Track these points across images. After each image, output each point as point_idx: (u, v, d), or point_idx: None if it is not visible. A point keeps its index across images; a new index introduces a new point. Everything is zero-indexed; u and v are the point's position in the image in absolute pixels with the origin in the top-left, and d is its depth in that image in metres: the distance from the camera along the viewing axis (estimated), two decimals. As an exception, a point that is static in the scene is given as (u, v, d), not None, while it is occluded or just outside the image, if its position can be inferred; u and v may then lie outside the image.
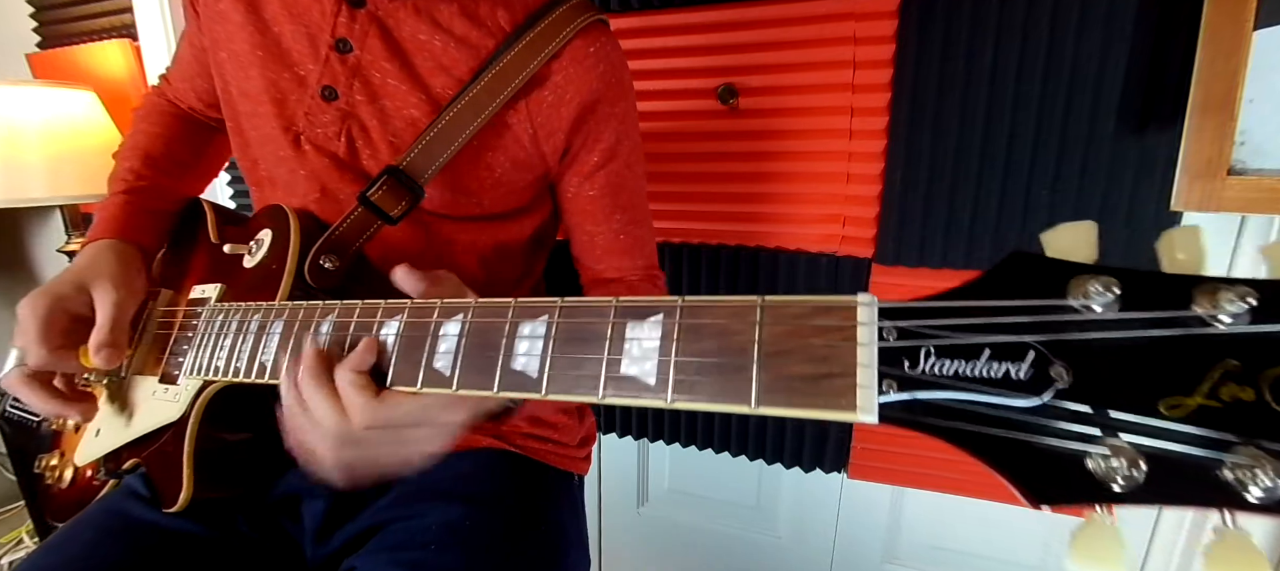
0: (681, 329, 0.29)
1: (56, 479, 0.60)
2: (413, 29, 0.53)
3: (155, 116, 0.67)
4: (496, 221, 0.59)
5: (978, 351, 0.23)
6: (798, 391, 0.25)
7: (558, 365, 0.31)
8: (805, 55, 0.86)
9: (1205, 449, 0.20)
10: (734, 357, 0.27)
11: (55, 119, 1.22)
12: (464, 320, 0.36)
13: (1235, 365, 0.19)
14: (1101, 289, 0.21)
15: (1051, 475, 0.21)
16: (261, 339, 0.45)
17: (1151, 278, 0.21)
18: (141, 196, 0.61)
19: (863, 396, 0.24)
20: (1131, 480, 0.20)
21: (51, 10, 1.42)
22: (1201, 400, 0.20)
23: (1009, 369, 0.22)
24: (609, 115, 0.56)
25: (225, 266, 0.57)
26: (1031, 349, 0.22)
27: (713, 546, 1.22)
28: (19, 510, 1.64)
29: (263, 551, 0.56)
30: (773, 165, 0.92)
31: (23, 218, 1.64)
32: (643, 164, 0.62)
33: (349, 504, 0.57)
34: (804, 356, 0.25)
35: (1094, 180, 0.77)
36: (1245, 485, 0.19)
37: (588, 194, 0.59)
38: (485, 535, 0.53)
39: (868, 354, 0.24)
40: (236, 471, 0.56)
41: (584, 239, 0.62)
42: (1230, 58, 0.63)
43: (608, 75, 0.55)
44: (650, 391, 0.28)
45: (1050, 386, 0.22)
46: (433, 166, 0.52)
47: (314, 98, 0.53)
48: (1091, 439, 0.21)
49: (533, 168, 0.57)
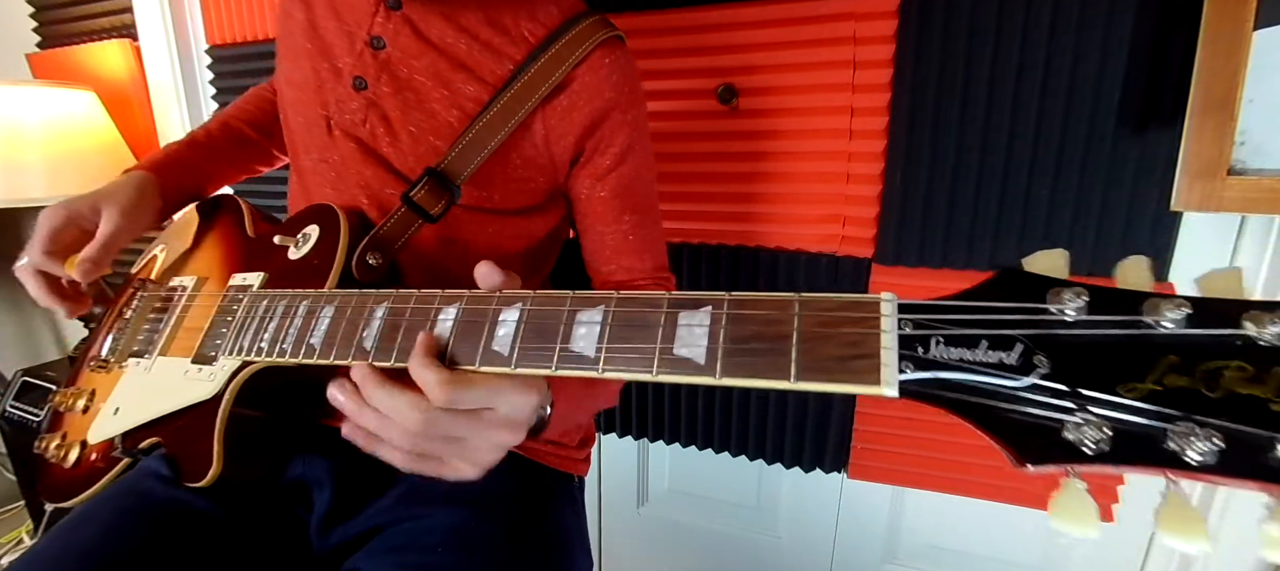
0: (728, 317, 0.33)
1: (61, 459, 0.60)
2: (441, 32, 0.57)
3: (252, 98, 0.76)
4: (510, 217, 0.62)
5: (977, 342, 0.28)
6: (831, 369, 0.30)
7: (614, 346, 0.35)
8: (805, 55, 0.86)
9: (1154, 421, 0.25)
10: (776, 342, 0.32)
11: (55, 119, 1.22)
12: (522, 308, 0.39)
13: (1176, 359, 0.25)
14: (1073, 296, 0.27)
15: (1035, 440, 0.27)
16: (310, 322, 0.47)
17: (1111, 291, 0.28)
18: (195, 149, 0.69)
19: (886, 373, 0.29)
20: (1098, 447, 0.25)
21: (51, 10, 1.42)
22: (1150, 385, 0.25)
23: (1002, 356, 0.28)
24: (622, 122, 0.60)
25: (268, 257, 0.59)
26: (1019, 341, 0.28)
27: (713, 546, 1.22)
28: (19, 510, 1.64)
29: (277, 535, 0.57)
30: (773, 165, 0.92)
31: (23, 218, 1.64)
32: (654, 169, 0.65)
33: (351, 499, 0.57)
34: (836, 342, 0.30)
35: (1094, 180, 0.77)
36: (1185, 451, 0.24)
37: (599, 195, 0.61)
38: (488, 537, 0.53)
39: (890, 339, 0.30)
40: (262, 452, 0.57)
41: (595, 240, 0.63)
42: (1230, 58, 0.63)
43: (621, 85, 0.59)
44: (701, 370, 0.33)
45: (1034, 371, 0.27)
46: (468, 168, 0.56)
47: (346, 87, 0.58)
48: (1067, 410, 0.26)
49: (543, 169, 0.60)
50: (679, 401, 1.09)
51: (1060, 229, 0.80)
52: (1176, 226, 0.77)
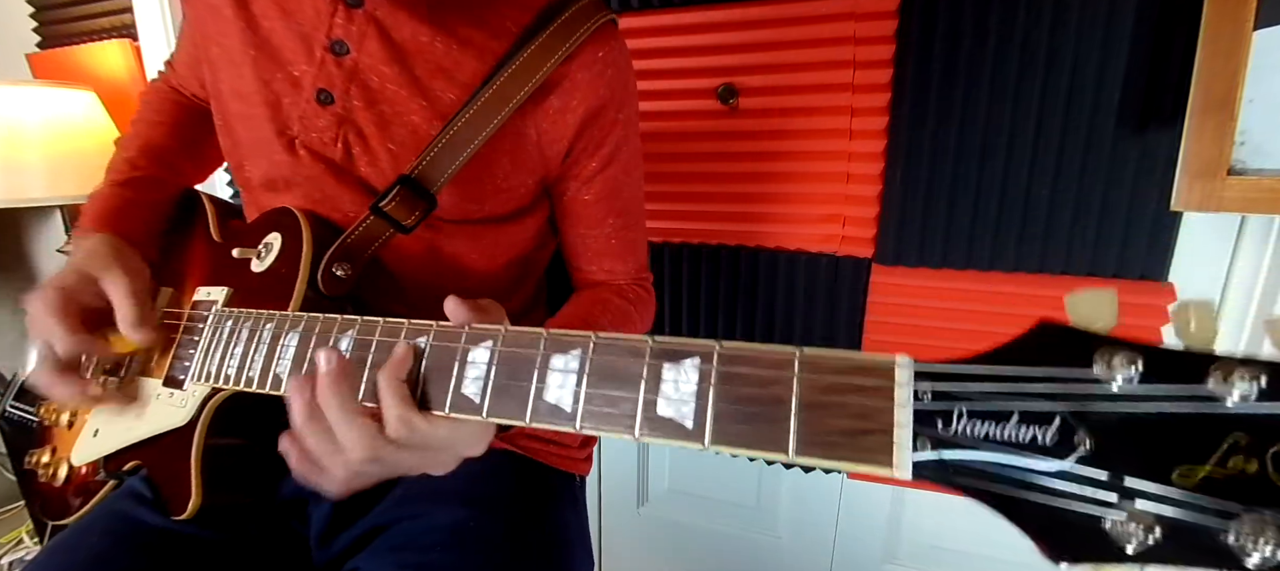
0: (718, 374, 0.29)
1: (50, 476, 0.60)
2: (413, 31, 0.50)
3: (158, 104, 0.66)
4: (499, 224, 0.58)
5: (1007, 416, 0.24)
6: (835, 445, 0.27)
7: (592, 401, 0.32)
8: (805, 55, 0.86)
9: (1212, 516, 0.21)
10: (772, 407, 0.28)
11: (55, 119, 1.22)
12: (493, 348, 0.36)
13: (1243, 439, 0.21)
14: (1125, 362, 0.23)
15: (1070, 534, 0.23)
16: (276, 349, 0.44)
17: (1171, 354, 0.23)
18: (135, 188, 0.60)
19: (899, 454, 0.25)
20: (1144, 543, 0.22)
21: (51, 10, 1.42)
22: (1210, 469, 0.21)
23: (1036, 433, 0.24)
24: (614, 121, 0.56)
25: (231, 268, 0.55)
26: (1058, 416, 0.24)
27: (713, 546, 1.22)
28: (19, 510, 1.64)
29: (272, 553, 0.56)
30: (773, 165, 0.92)
31: (23, 218, 1.64)
32: (640, 167, 0.62)
33: (353, 506, 0.57)
34: (842, 411, 0.27)
35: (1094, 180, 0.77)
36: (1247, 550, 0.20)
37: (584, 198, 0.59)
38: (489, 537, 0.53)
39: (904, 414, 0.26)
40: (243, 478, 0.56)
41: (576, 240, 0.61)
42: (1230, 58, 0.63)
43: (615, 81, 0.55)
44: (688, 435, 0.29)
45: (1073, 451, 0.23)
46: (444, 175, 0.51)
47: (309, 101, 0.51)
48: (1108, 504, 0.23)
49: (535, 170, 0.57)
50: (679, 401, 1.08)
51: (1060, 229, 0.80)
52: (1176, 226, 0.77)
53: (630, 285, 0.62)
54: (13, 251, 1.69)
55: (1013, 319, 0.84)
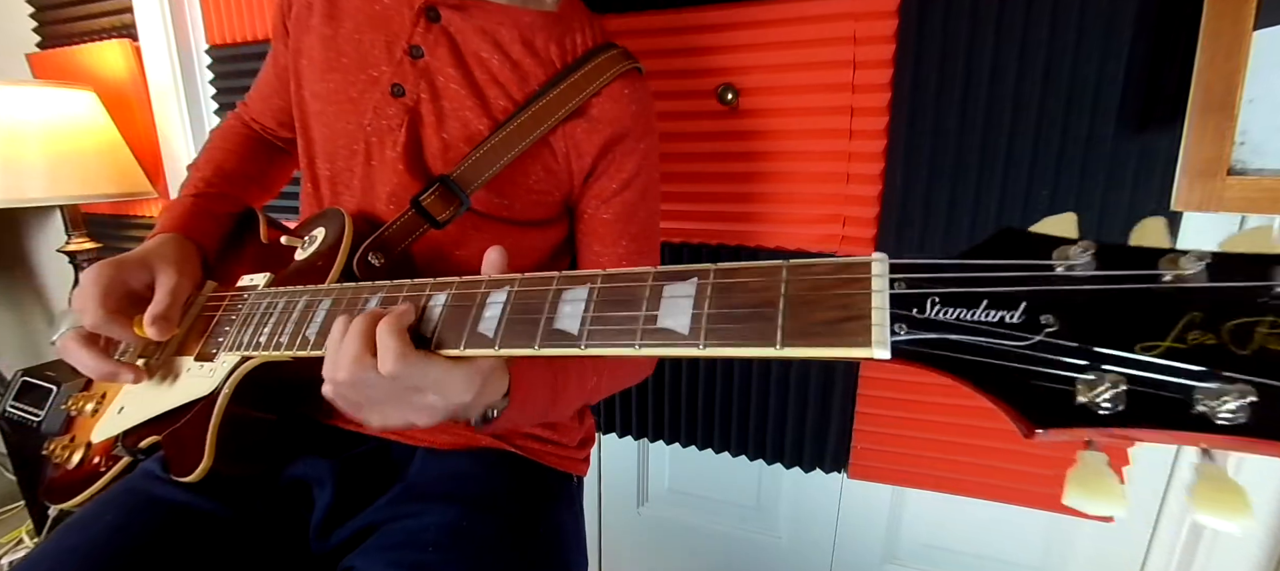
0: (714, 287, 0.32)
1: (65, 460, 0.61)
2: (477, 46, 0.59)
3: (230, 135, 0.74)
4: (525, 228, 0.64)
5: (977, 301, 0.26)
6: (818, 334, 0.28)
7: (598, 321, 0.34)
8: (805, 55, 0.86)
9: (1179, 377, 0.22)
10: (762, 308, 0.30)
11: (55, 119, 1.23)
12: (510, 290, 0.39)
13: (1198, 315, 0.23)
14: (1081, 251, 0.25)
15: (1045, 403, 0.24)
16: (308, 315, 0.48)
17: (1123, 248, 0.25)
18: (207, 201, 0.68)
19: (877, 333, 0.27)
20: (1115, 409, 0.23)
21: (51, 10, 1.42)
22: (1171, 343, 0.23)
23: (1005, 315, 0.26)
24: (634, 149, 0.62)
25: (275, 258, 0.61)
26: (1023, 298, 0.25)
27: (713, 546, 1.22)
28: (19, 510, 1.65)
29: (279, 534, 0.57)
30: (773, 165, 0.92)
31: (23, 218, 1.64)
32: (658, 199, 0.68)
33: (352, 499, 0.57)
34: (825, 305, 0.29)
35: (1094, 180, 0.77)
36: (1215, 411, 0.21)
37: (602, 216, 0.63)
38: (484, 537, 0.53)
39: (881, 299, 0.28)
40: (256, 450, 0.57)
41: (591, 258, 0.65)
42: (1230, 58, 0.63)
43: (638, 114, 0.62)
44: (684, 341, 0.31)
45: (1041, 330, 0.25)
46: (480, 179, 0.58)
47: (383, 93, 0.59)
48: (1080, 368, 0.24)
49: (561, 184, 0.63)
50: (679, 401, 1.09)
51: (1060, 229, 0.80)
52: (1176, 226, 0.77)
53: None
54: (13, 251, 1.70)
55: (1013, 319, 0.84)
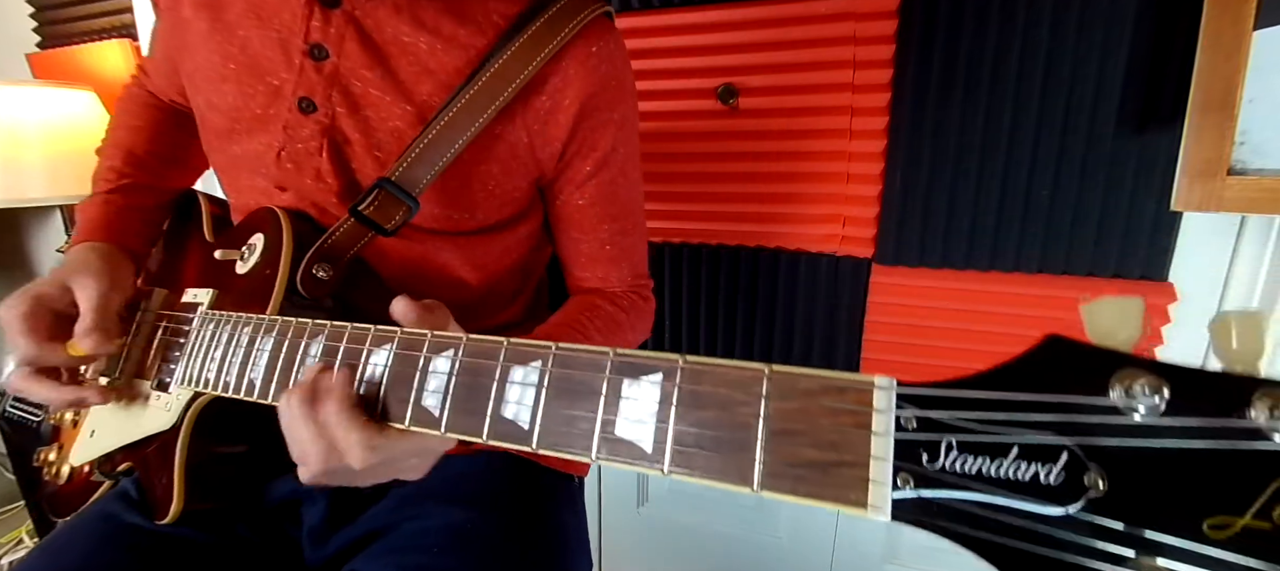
0: (681, 394, 0.27)
1: (54, 475, 0.60)
2: (394, 30, 0.48)
3: (136, 109, 0.64)
4: (492, 233, 0.56)
5: (1005, 449, 0.21)
6: (804, 479, 0.24)
7: (550, 417, 0.30)
8: (805, 55, 0.86)
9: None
10: (737, 432, 0.25)
11: (55, 119, 1.22)
12: (453, 358, 0.34)
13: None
14: (1148, 390, 0.19)
15: None
16: (251, 354, 0.44)
17: (1205, 378, 0.19)
18: (124, 195, 0.60)
19: (875, 492, 0.22)
20: None
21: (51, 10, 1.42)
22: (1249, 520, 0.17)
23: (1038, 471, 0.20)
24: (607, 120, 0.53)
25: (218, 270, 0.55)
26: (1065, 450, 0.20)
27: (713, 546, 1.22)
28: (19, 510, 1.64)
29: (262, 555, 0.56)
30: (773, 165, 0.92)
31: (23, 218, 1.64)
32: (638, 171, 0.59)
33: (349, 506, 0.57)
34: (812, 439, 0.24)
35: (1094, 180, 0.77)
36: None
37: (577, 203, 0.56)
38: (487, 538, 0.53)
39: (883, 445, 0.22)
40: (228, 483, 0.55)
41: (569, 245, 0.59)
42: (1230, 58, 0.63)
43: (609, 77, 0.52)
44: (646, 459, 0.27)
45: (1083, 495, 0.20)
46: (426, 177, 0.49)
47: (291, 110, 0.49)
48: (1124, 560, 0.19)
49: (527, 174, 0.54)
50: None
51: (1060, 229, 0.80)
52: (1176, 226, 0.77)
53: (625, 292, 0.61)
54: (13, 251, 1.69)
55: (1013, 318, 0.84)
